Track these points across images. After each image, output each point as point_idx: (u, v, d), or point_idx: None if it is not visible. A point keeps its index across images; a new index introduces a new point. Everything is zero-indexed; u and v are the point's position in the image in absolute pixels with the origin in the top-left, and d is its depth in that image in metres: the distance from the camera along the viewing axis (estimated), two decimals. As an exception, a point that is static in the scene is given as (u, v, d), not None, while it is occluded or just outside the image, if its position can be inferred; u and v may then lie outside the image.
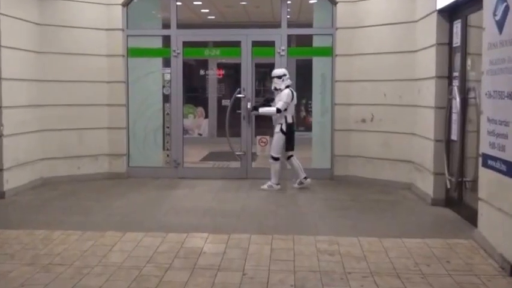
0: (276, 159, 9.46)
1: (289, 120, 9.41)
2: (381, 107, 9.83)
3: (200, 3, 13.04)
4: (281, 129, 9.37)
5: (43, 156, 9.87)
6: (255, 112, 9.94)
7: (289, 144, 9.44)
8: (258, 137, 10.78)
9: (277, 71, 9.55)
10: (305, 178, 9.53)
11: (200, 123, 16.00)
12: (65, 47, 10.02)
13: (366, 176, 10.01)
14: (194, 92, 16.12)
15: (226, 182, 10.14)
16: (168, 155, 10.86)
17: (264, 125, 9.71)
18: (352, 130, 10.22)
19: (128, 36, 10.59)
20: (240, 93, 10.48)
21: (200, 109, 16.02)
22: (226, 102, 11.45)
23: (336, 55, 10.28)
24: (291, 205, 8.50)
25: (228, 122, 10.49)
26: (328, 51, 10.47)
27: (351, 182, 10.06)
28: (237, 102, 10.57)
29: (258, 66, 11.33)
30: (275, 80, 9.48)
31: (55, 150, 10.02)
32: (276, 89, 9.48)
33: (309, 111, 13.64)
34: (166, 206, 8.34)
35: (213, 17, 14.38)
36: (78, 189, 9.47)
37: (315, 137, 11.01)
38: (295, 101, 9.50)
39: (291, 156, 9.55)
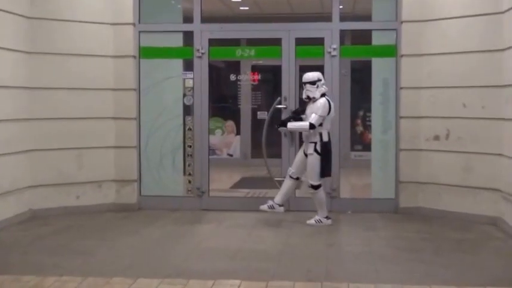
0: (316, 187, 9.44)
1: (325, 138, 9.38)
2: (458, 121, 9.79)
3: (231, -9, 13.16)
4: (315, 150, 9.37)
5: (33, 183, 9.96)
6: (282, 128, 9.90)
7: (324, 168, 9.41)
8: (303, 159, 10.76)
9: (309, 75, 9.48)
10: (280, 205, 9.64)
11: (230, 141, 16.05)
12: (62, 46, 10.15)
13: (440, 208, 9.97)
14: (223, 102, 16.16)
15: (262, 216, 10.11)
16: (189, 182, 10.93)
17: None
18: (422, 150, 10.20)
19: (140, 32, 10.74)
20: (280, 103, 10.53)
21: (230, 123, 16.08)
22: (262, 114, 11.44)
23: (401, 55, 10.29)
24: (345, 245, 8.50)
25: (265, 140, 10.52)
26: (391, 51, 10.49)
27: (420, 215, 10.03)
28: (277, 115, 10.59)
29: (303, 69, 11.27)
30: (307, 86, 9.43)
31: (48, 176, 10.12)
32: (308, 97, 9.46)
33: (367, 127, 13.60)
34: (187, 245, 8.38)
35: (246, 8, 14.43)
36: (77, 225, 9.56)
37: (375, 158, 10.95)
38: (332, 113, 9.45)
39: (298, 178, 9.66)
